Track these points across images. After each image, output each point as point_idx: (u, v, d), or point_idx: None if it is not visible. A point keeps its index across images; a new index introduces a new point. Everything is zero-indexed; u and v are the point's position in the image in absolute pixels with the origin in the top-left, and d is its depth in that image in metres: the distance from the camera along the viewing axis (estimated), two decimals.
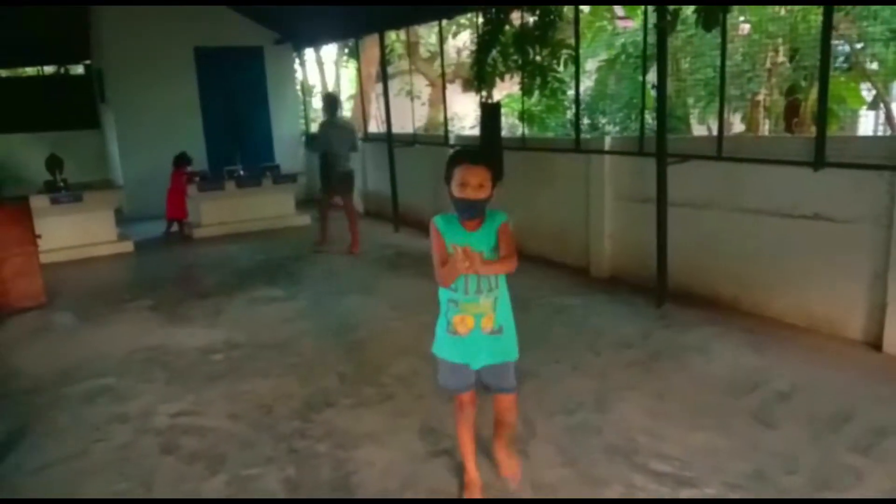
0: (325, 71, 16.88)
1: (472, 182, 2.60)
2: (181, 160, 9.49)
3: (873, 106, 10.53)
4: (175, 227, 9.72)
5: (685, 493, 2.94)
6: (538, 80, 7.19)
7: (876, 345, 4.39)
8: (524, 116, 8.12)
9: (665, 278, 5.47)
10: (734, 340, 4.64)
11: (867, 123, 11.85)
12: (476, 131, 7.72)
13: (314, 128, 13.45)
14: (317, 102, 15.70)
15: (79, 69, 14.35)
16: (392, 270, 7.16)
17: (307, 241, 8.72)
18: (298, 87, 13.15)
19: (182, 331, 5.48)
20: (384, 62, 9.76)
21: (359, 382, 4.27)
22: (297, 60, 12.94)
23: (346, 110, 15.99)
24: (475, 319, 2.73)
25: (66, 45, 12.63)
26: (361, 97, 11.64)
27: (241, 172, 9.88)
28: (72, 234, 8.34)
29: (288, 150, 12.33)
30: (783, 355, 4.35)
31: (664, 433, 3.45)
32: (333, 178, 8.07)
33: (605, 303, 5.64)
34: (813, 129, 4.89)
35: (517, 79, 7.43)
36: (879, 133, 11.13)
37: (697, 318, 5.09)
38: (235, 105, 11.76)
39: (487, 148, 6.88)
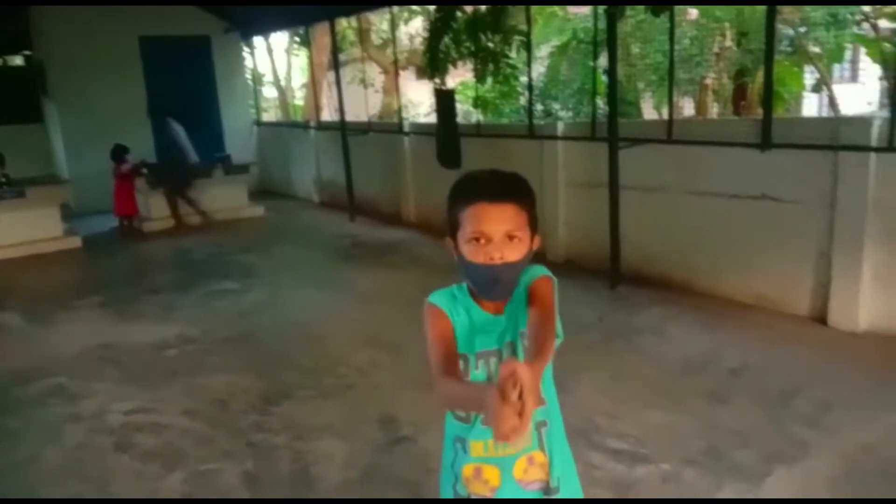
0: (275, 59, 16.63)
1: (496, 233, 1.47)
2: (118, 153, 9.21)
3: (817, 89, 10.81)
4: (126, 223, 9.48)
5: (641, 470, 3.00)
6: (491, 67, 7.20)
7: (821, 320, 4.53)
8: (478, 103, 8.13)
9: (618, 261, 5.56)
10: (686, 320, 4.74)
11: (811, 105, 12.17)
12: (432, 119, 7.70)
13: (266, 117, 13.28)
14: (268, 91, 15.47)
15: (18, 60, 13.83)
16: (349, 261, 7.12)
17: (262, 233, 8.61)
18: (249, 76, 12.93)
19: (134, 327, 5.36)
20: (336, 50, 9.65)
21: (317, 374, 4.24)
22: (246, 49, 12.71)
23: (298, 99, 15.79)
24: (502, 469, 1.58)
25: (3, 34, 12.14)
26: (313, 85, 11.51)
27: (198, 169, 9.67)
28: (15, 231, 8.05)
29: (239, 141, 12.11)
30: (734, 333, 4.46)
31: (621, 412, 3.51)
32: (189, 172, 8.67)
33: (561, 287, 5.67)
34: (760, 111, 5.00)
35: (471, 65, 7.43)
36: (823, 115, 11.44)
37: (650, 300, 5.18)
38: (183, 95, 11.48)
39: (444, 136, 6.88)
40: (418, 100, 15.60)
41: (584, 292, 5.49)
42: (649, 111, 12.25)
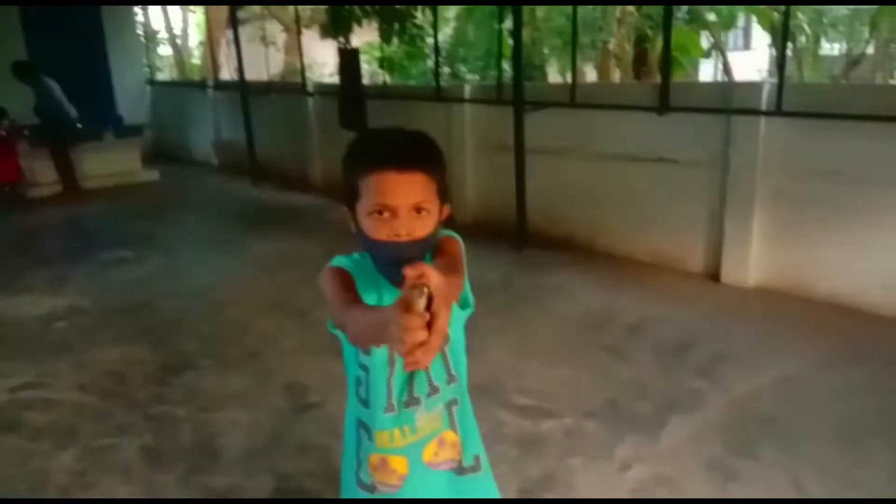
0: (170, 15, 15.75)
1: (401, 207, 1.29)
2: None
3: (709, 54, 11.26)
4: (7, 189, 8.81)
5: (546, 425, 3.08)
6: (397, 27, 7.07)
7: (715, 277, 4.77)
8: (384, 64, 7.99)
9: (524, 224, 5.64)
10: (588, 280, 4.87)
11: (708, 71, 12.66)
12: (336, 79, 7.50)
13: (161, 76, 12.60)
14: (162, 50, 14.67)
15: None
16: (252, 226, 6.89)
17: (158, 199, 8.22)
18: (141, 33, 12.19)
19: (21, 300, 5.01)
20: (234, 6, 9.21)
21: (220, 343, 4.10)
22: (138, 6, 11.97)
23: (196, 58, 15.06)
24: (410, 458, 1.48)
25: None
26: (210, 43, 10.99)
27: (80, 126, 9.08)
28: None
29: (131, 101, 11.45)
30: (633, 291, 4.63)
31: (527, 370, 3.59)
32: (70, 130, 8.35)
33: (469, 251, 5.69)
34: (659, 76, 5.14)
35: (376, 25, 7.27)
36: (718, 79, 11.91)
37: (555, 261, 5.30)
38: (70, 55, 10.68)
39: (348, 97, 6.72)
40: (322, 60, 15.18)
41: (491, 255, 5.54)
42: (555, 76, 12.42)
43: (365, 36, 10.54)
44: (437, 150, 1.38)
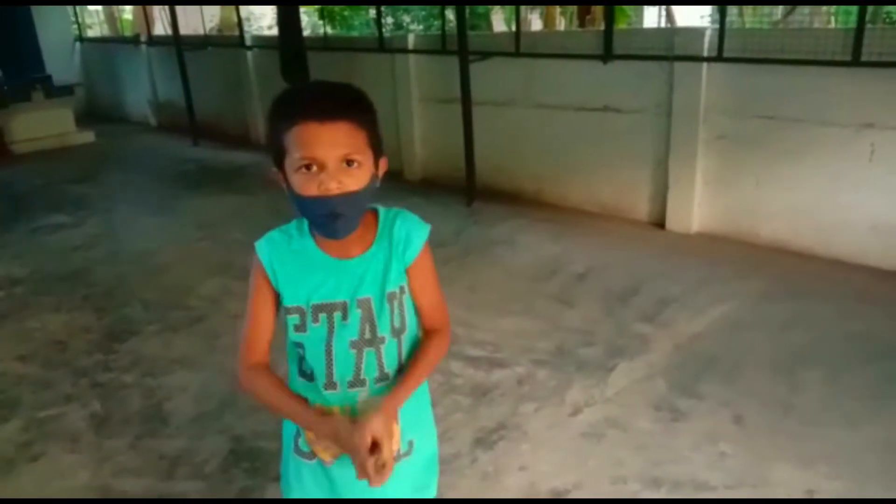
0: None
1: (329, 158, 1.22)
2: None
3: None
4: None
5: (497, 374, 3.13)
6: None
7: (660, 224, 4.85)
8: (325, 14, 7.76)
9: (473, 177, 5.62)
10: (537, 231, 4.91)
11: (651, 19, 12.67)
12: (275, 32, 7.26)
13: (91, 33, 12.01)
14: (91, 5, 13.93)
15: None
16: (193, 187, 6.70)
17: (94, 161, 7.92)
18: None
19: None
20: None
21: (165, 307, 4.01)
22: None
23: (127, 12, 14.37)
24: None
25: None
26: None
27: (5, 87, 8.63)
28: None
29: (60, 60, 10.87)
30: (579, 241, 4.69)
31: (477, 322, 3.62)
32: None
33: (420, 205, 5.69)
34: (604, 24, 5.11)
35: None
36: (662, 26, 11.92)
37: (504, 213, 5.31)
38: None
39: (288, 50, 6.52)
40: (260, 11, 14.68)
41: (441, 209, 5.52)
42: (500, 25, 12.28)
43: None
44: (363, 99, 1.31)
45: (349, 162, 1.23)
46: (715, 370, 3.06)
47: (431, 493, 1.56)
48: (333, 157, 1.22)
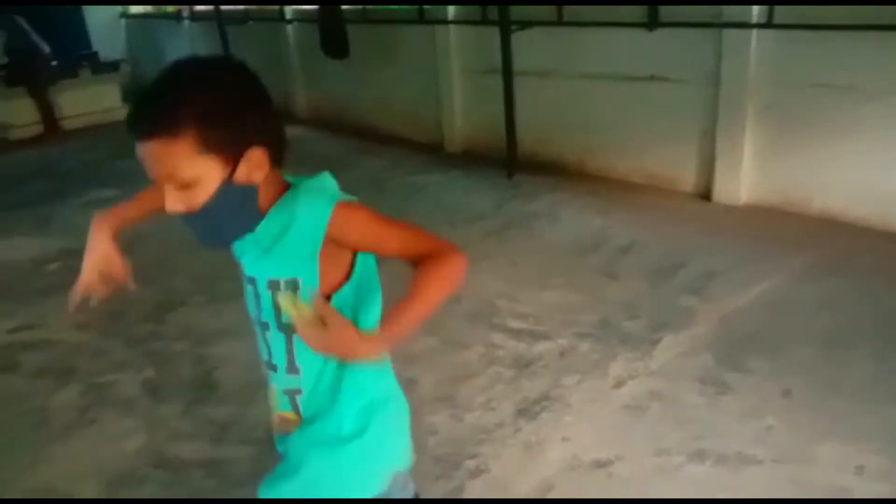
0: None
1: (158, 179, 1.11)
2: None
3: None
4: None
5: (540, 346, 3.13)
6: None
7: (706, 196, 4.76)
8: None
9: (514, 149, 5.57)
10: (579, 204, 4.86)
11: None
12: (316, 5, 7.25)
13: (135, 9, 12.16)
14: None
15: None
16: None
17: None
18: None
19: (6, 243, 4.99)
20: None
21: (213, 279, 4.09)
22: None
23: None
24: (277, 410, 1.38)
25: None
26: None
27: (54, 63, 8.82)
28: None
29: (106, 36, 11.10)
30: (624, 213, 4.63)
31: (519, 295, 3.62)
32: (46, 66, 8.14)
33: (460, 178, 5.69)
34: None
35: None
36: None
37: (546, 186, 5.26)
38: None
39: (328, 23, 6.52)
40: None
41: (481, 182, 5.51)
42: None
43: None
44: (178, 102, 1.07)
45: (180, 184, 1.09)
46: (762, 345, 3.01)
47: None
48: (159, 178, 1.09)
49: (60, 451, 2.71)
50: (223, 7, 8.43)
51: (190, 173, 1.08)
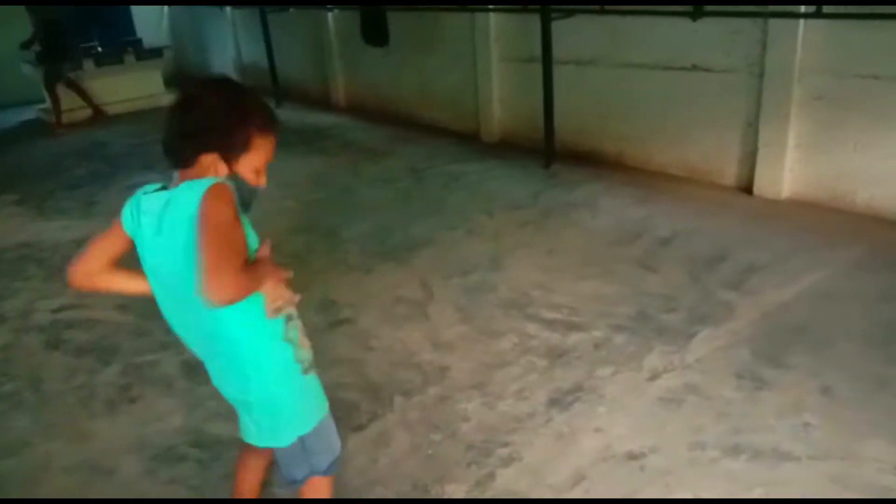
0: None
1: (266, 161, 1.67)
2: None
3: None
4: None
5: (574, 337, 3.11)
6: None
7: (748, 189, 4.67)
8: None
9: (552, 139, 5.53)
10: (618, 194, 4.81)
11: None
12: None
13: None
14: None
15: None
16: (277, 148, 6.84)
17: None
18: None
19: (55, 224, 5.13)
20: None
21: None
22: None
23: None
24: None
25: None
26: None
27: (99, 49, 9.01)
28: None
29: (150, 22, 11.30)
30: (664, 205, 4.57)
31: (554, 285, 3.60)
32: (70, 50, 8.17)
33: (497, 167, 5.68)
34: None
35: None
36: None
37: (584, 176, 5.22)
38: None
39: (368, 9, 6.54)
40: None
41: (519, 171, 5.48)
42: None
43: None
44: None
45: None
46: (803, 340, 2.95)
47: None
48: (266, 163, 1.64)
49: (103, 428, 2.79)
50: None
51: None
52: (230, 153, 1.53)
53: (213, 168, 1.53)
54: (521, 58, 5.96)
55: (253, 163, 1.55)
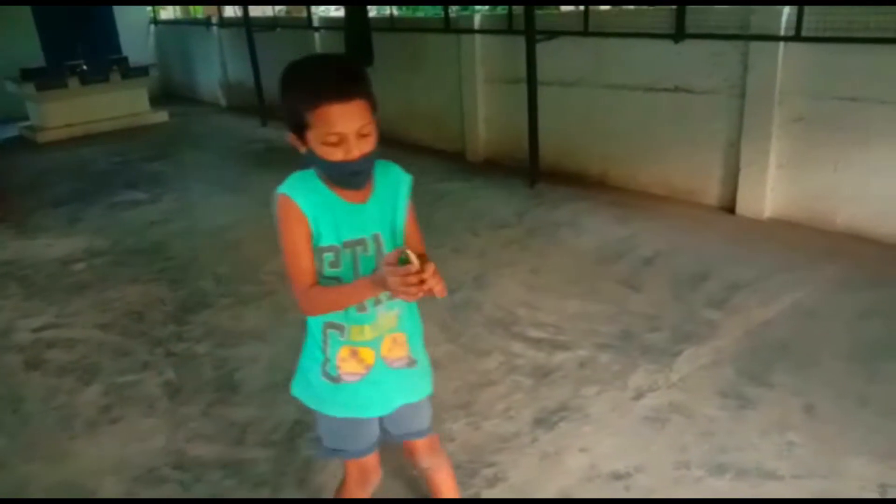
0: None
1: (350, 132, 1.44)
2: None
3: None
4: None
5: (559, 356, 3.12)
6: None
7: (730, 209, 4.72)
8: None
9: (537, 158, 5.57)
10: (602, 214, 4.84)
11: None
12: (342, 13, 7.32)
13: (164, 15, 12.37)
14: None
15: None
16: (262, 166, 6.86)
17: (168, 140, 8.19)
18: None
19: (37, 242, 5.08)
20: None
21: (236, 281, 4.14)
22: None
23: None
24: (375, 349, 1.67)
25: None
26: None
27: (85, 68, 8.99)
28: None
29: (136, 41, 11.29)
30: (647, 224, 4.60)
31: (540, 304, 3.61)
32: None
33: (482, 186, 5.70)
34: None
35: None
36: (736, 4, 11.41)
37: (568, 195, 5.25)
38: None
39: (354, 31, 6.58)
40: None
41: (503, 191, 5.51)
42: (567, 5, 12.04)
43: None
44: (365, 73, 1.52)
45: (363, 134, 1.47)
46: (786, 358, 2.98)
47: (431, 391, 1.87)
48: (353, 131, 1.45)
49: (83, 449, 2.75)
50: (252, 14, 8.52)
51: (370, 127, 1.48)
52: (295, 132, 1.50)
53: (297, 147, 1.53)
54: (506, 79, 6.01)
55: (318, 138, 1.45)
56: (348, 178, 1.51)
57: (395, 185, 1.64)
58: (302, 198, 1.54)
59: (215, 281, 4.17)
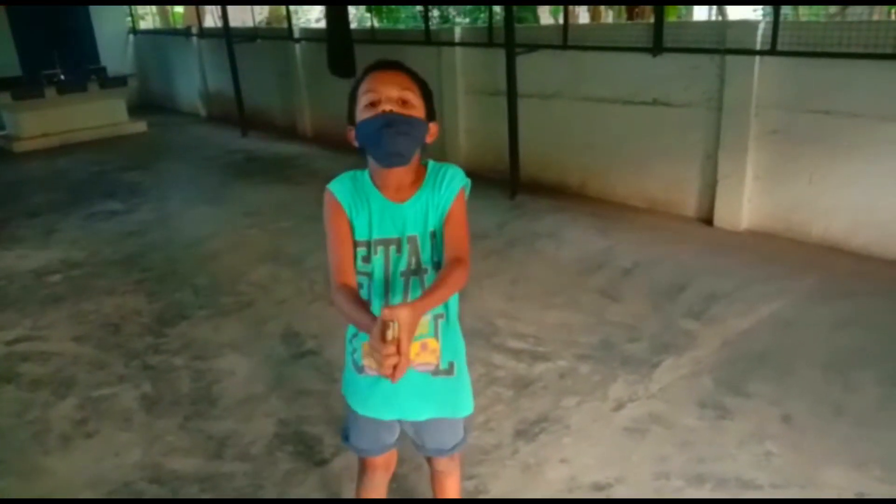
0: None
1: (389, 92, 1.48)
2: None
3: None
4: None
5: (540, 367, 3.12)
6: None
7: (708, 220, 4.77)
8: (372, 7, 7.80)
9: (517, 170, 5.60)
10: (582, 225, 4.87)
11: (702, 10, 12.41)
12: (323, 24, 7.33)
13: (143, 25, 12.30)
14: None
15: None
16: (242, 177, 6.83)
17: (146, 150, 8.12)
18: None
19: (11, 253, 5.00)
20: None
21: (215, 293, 4.11)
22: None
23: (179, 6, 14.62)
24: None
25: None
26: None
27: (62, 77, 8.90)
28: None
29: (114, 50, 11.21)
30: (626, 236, 4.63)
31: (520, 314, 3.61)
32: None
33: None
34: (653, 17, 5.03)
35: None
36: (712, 19, 11.62)
37: (548, 207, 5.28)
38: (49, 5, 10.36)
39: (336, 43, 6.59)
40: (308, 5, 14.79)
41: (484, 202, 5.50)
42: (547, 18, 12.17)
43: None
44: (419, 74, 1.59)
45: (403, 102, 1.49)
46: (764, 368, 3.00)
47: (470, 409, 1.81)
48: (392, 93, 1.49)
49: (58, 463, 2.70)
50: (232, 24, 8.50)
51: (413, 100, 1.51)
52: (351, 121, 1.57)
53: (351, 141, 1.59)
54: (486, 91, 6.05)
55: (361, 108, 1.51)
56: (378, 135, 1.47)
57: (444, 187, 1.59)
58: (341, 190, 1.58)
59: (193, 292, 4.13)
